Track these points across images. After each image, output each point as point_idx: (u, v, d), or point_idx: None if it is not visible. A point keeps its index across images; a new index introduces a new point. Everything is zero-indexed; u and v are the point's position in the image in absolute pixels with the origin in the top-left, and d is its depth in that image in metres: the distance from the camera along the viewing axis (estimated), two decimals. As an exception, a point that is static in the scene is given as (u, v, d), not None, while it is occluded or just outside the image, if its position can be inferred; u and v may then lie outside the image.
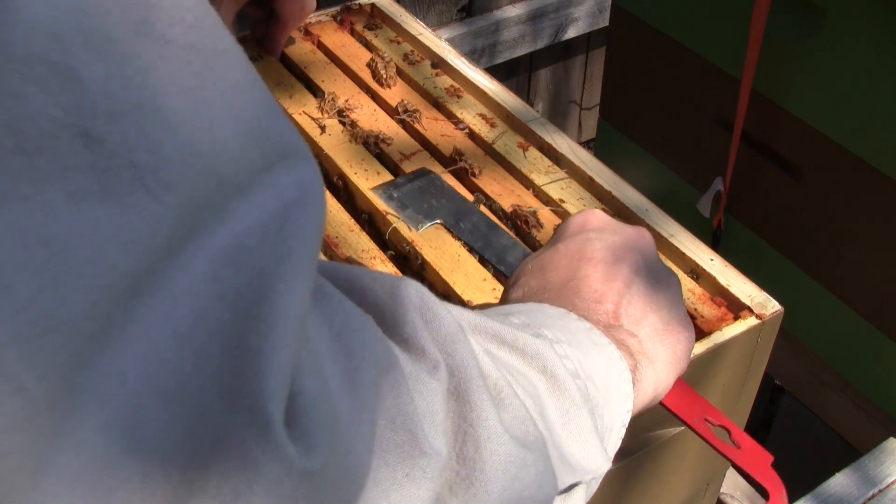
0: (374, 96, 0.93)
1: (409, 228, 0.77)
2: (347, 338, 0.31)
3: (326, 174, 0.86)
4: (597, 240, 0.55)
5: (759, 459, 0.56)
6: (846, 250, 1.05)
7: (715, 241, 1.20)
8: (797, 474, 1.35)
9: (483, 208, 0.81)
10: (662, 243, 0.77)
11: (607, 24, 1.50)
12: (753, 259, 1.18)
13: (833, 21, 0.97)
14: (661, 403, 0.55)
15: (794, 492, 1.02)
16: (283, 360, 0.26)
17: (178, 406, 0.25)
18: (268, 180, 0.27)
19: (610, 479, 0.71)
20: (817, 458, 1.28)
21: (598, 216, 0.58)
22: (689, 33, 1.16)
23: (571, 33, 2.04)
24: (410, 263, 0.76)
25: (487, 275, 0.73)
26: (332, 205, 0.79)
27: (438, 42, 0.99)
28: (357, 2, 1.05)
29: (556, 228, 0.58)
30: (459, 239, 0.77)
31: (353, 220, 0.78)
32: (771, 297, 0.72)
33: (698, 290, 0.74)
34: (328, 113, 0.90)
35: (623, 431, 0.49)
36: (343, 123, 0.89)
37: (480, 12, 1.90)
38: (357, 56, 0.98)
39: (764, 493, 0.56)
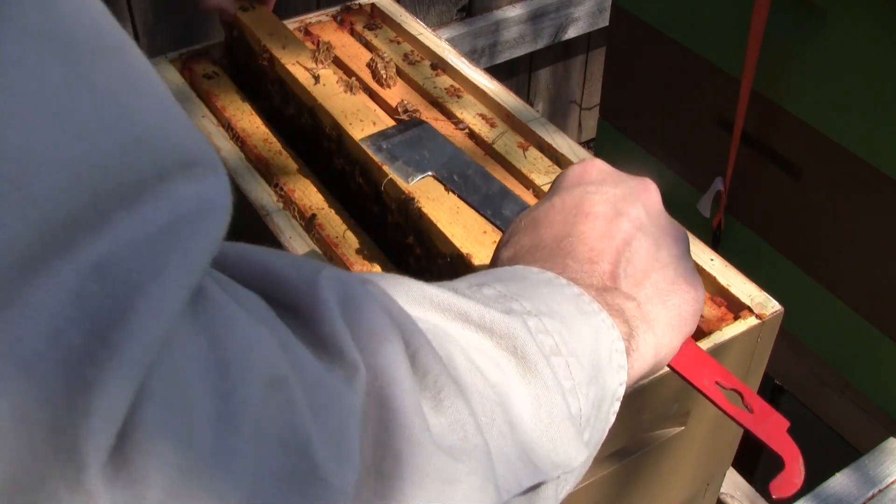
0: (374, 96, 0.93)
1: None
2: (228, 350, 0.27)
3: (320, 125, 0.85)
4: (595, 193, 0.51)
5: (774, 425, 0.52)
6: (846, 250, 1.05)
7: (715, 241, 1.20)
8: (797, 474, 1.35)
9: None
10: (662, 243, 0.77)
11: (607, 24, 1.50)
12: (753, 259, 1.18)
13: (833, 21, 0.97)
14: (668, 365, 0.52)
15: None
16: (118, 392, 0.23)
17: (8, 448, 0.22)
18: (162, 191, 0.25)
19: (610, 479, 0.71)
20: (817, 458, 1.28)
21: (598, 166, 0.54)
22: (689, 33, 1.16)
23: (571, 33, 2.04)
24: (409, 216, 0.74)
25: (488, 227, 0.72)
26: (332, 204, 0.79)
27: (438, 42, 0.99)
28: (357, 2, 1.05)
29: (554, 181, 0.54)
30: (452, 191, 0.74)
31: (352, 219, 0.78)
32: (771, 297, 0.72)
33: (698, 290, 0.74)
34: (323, 63, 0.90)
35: (616, 405, 0.46)
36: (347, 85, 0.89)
37: (480, 12, 1.90)
38: (357, 56, 0.98)
39: (778, 462, 0.51)
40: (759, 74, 1.05)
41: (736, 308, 0.72)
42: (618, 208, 0.51)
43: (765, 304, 0.72)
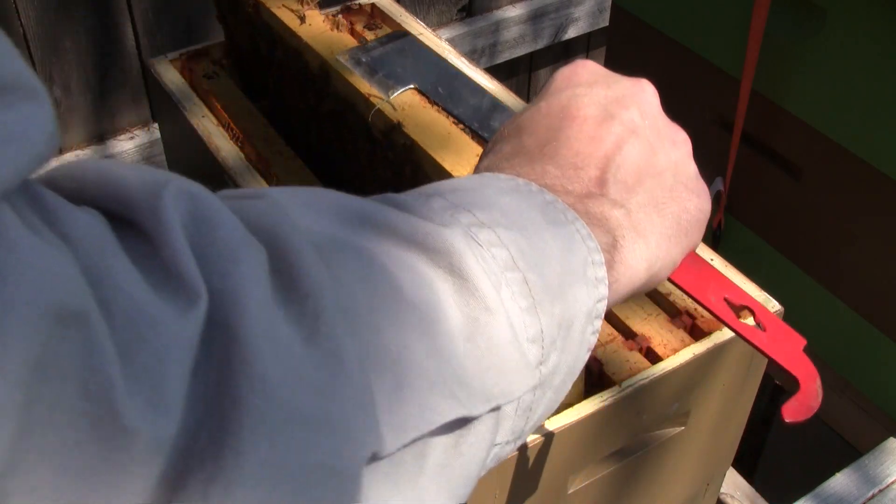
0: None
1: (382, 98, 0.71)
2: (4, 281, 0.23)
3: (307, 66, 0.83)
4: (584, 95, 0.46)
5: (789, 343, 0.48)
6: (846, 250, 1.05)
7: (715, 241, 1.20)
8: (797, 474, 1.35)
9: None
10: (662, 243, 0.77)
11: (607, 24, 1.50)
12: (753, 259, 1.18)
13: (833, 21, 0.97)
14: (669, 279, 0.48)
15: (794, 492, 1.02)
16: None
17: None
18: None
19: (610, 479, 0.71)
20: (817, 458, 1.28)
21: (589, 68, 0.50)
22: (689, 33, 1.16)
23: (571, 33, 2.04)
24: (396, 147, 0.72)
25: (481, 150, 0.69)
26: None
27: (439, 42, 0.99)
28: (357, 2, 1.05)
29: (543, 85, 0.50)
30: (436, 104, 0.70)
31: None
32: (771, 297, 0.72)
33: (698, 290, 0.74)
34: (308, 4, 0.89)
35: (597, 324, 0.41)
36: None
37: (480, 12, 1.90)
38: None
39: (794, 383, 0.47)
40: (759, 74, 1.05)
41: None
42: (609, 111, 0.46)
43: (765, 304, 0.72)
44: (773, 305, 0.72)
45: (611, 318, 0.71)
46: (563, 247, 0.39)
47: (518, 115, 0.48)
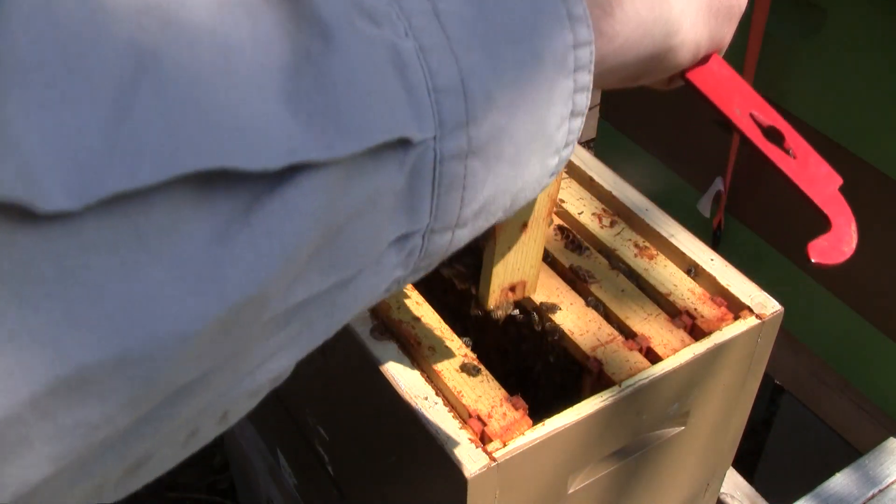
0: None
1: None
2: None
3: None
4: None
5: (823, 179, 0.42)
6: (846, 250, 1.05)
7: (715, 241, 1.20)
8: (797, 474, 1.35)
9: None
10: (662, 243, 0.77)
11: (607, 24, 1.50)
12: (753, 259, 1.18)
13: (833, 21, 0.97)
14: (688, 82, 0.40)
15: (794, 492, 1.02)
16: None
17: None
18: None
19: (610, 478, 0.71)
20: (817, 458, 1.28)
21: None
22: (689, 33, 1.16)
23: (571, 33, 2.03)
24: None
25: None
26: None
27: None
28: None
29: None
30: None
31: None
32: (771, 297, 0.72)
33: (698, 290, 0.74)
34: None
35: (582, 82, 0.32)
36: None
37: (480, 12, 1.90)
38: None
39: (825, 222, 0.41)
40: (759, 74, 1.05)
41: (736, 308, 0.72)
42: None
43: (765, 304, 0.72)
44: (773, 305, 0.72)
45: (611, 318, 0.71)
46: None
47: None
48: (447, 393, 0.64)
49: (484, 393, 0.64)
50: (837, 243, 0.41)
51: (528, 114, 0.31)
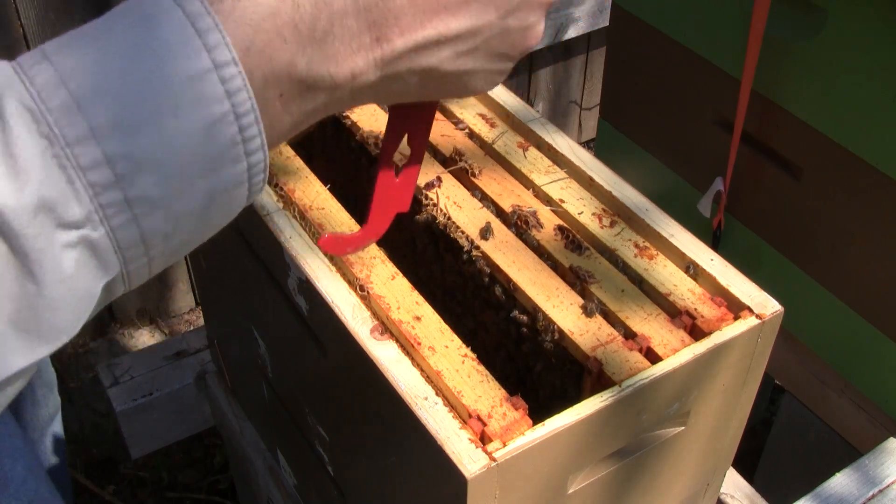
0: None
1: None
2: None
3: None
4: None
5: (393, 200, 0.55)
6: (846, 250, 1.05)
7: (715, 241, 1.20)
8: (797, 474, 1.35)
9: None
10: (662, 243, 0.77)
11: (607, 23, 1.50)
12: (753, 259, 1.18)
13: (833, 21, 0.97)
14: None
15: (795, 492, 1.02)
16: None
17: None
18: None
19: (610, 479, 0.71)
20: (817, 458, 1.28)
21: None
22: (689, 33, 1.16)
23: (571, 33, 2.04)
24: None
25: None
26: (332, 205, 0.79)
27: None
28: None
29: None
30: None
31: (352, 219, 0.78)
32: (771, 297, 0.72)
33: (698, 290, 0.74)
34: None
35: (227, 74, 0.38)
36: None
37: (480, 12, 1.90)
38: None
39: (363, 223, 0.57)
40: (759, 74, 1.05)
41: (736, 308, 0.72)
42: None
43: (765, 304, 0.72)
44: (773, 305, 0.72)
45: (611, 318, 0.72)
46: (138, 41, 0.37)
47: None
48: (447, 393, 0.64)
49: (484, 393, 0.64)
50: (346, 244, 0.56)
51: (177, 148, 0.38)
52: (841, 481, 1.01)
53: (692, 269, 0.75)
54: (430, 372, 0.66)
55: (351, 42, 0.42)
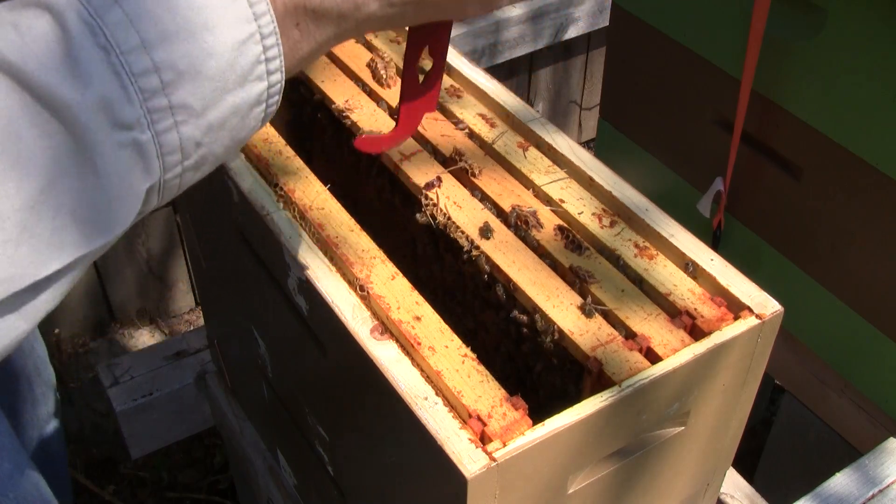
0: (374, 96, 0.93)
1: None
2: None
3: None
4: None
5: (421, 103, 0.61)
6: (846, 250, 1.05)
7: (715, 241, 1.20)
8: (797, 474, 1.35)
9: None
10: (663, 243, 0.77)
11: (607, 24, 1.50)
12: (753, 259, 1.18)
13: (833, 21, 0.97)
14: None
15: (795, 492, 1.02)
16: None
17: None
18: None
19: (610, 479, 0.71)
20: (817, 458, 1.28)
21: None
22: (689, 33, 1.16)
23: (572, 33, 2.04)
24: None
25: None
26: (332, 205, 0.79)
27: (438, 42, 0.99)
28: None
29: None
30: None
31: (353, 219, 0.78)
32: (771, 297, 0.72)
33: (698, 290, 0.74)
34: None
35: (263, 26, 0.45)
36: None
37: (480, 12, 1.90)
38: (357, 56, 0.98)
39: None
40: (759, 74, 1.05)
41: (736, 308, 0.72)
42: None
43: (765, 304, 0.72)
44: (773, 305, 0.72)
45: (611, 318, 0.72)
46: None
47: None
48: (447, 393, 0.64)
49: (484, 393, 0.64)
50: (381, 142, 0.61)
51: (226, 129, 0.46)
52: (841, 481, 1.01)
53: (692, 269, 0.75)
54: (430, 372, 0.66)
55: None
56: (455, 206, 0.80)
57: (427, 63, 0.60)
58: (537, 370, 0.75)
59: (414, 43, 0.60)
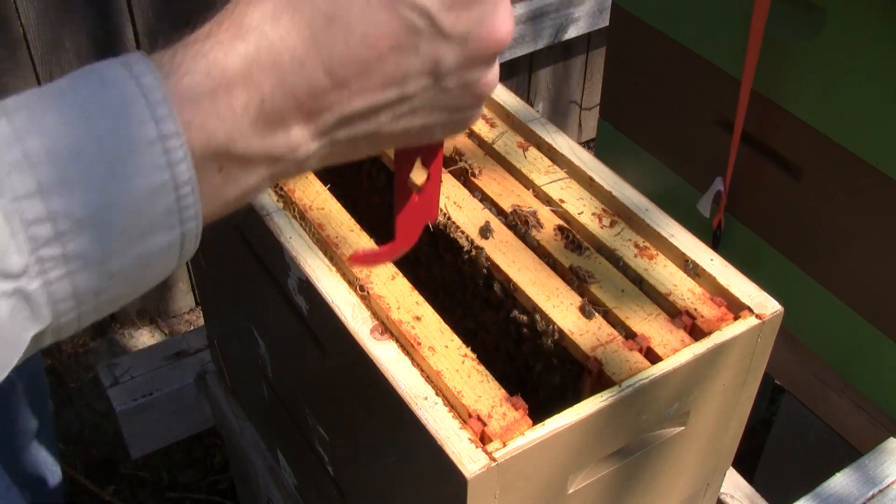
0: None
1: None
2: None
3: None
4: None
5: (419, 214, 0.54)
6: (846, 250, 1.05)
7: (715, 241, 1.20)
8: (797, 474, 1.35)
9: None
10: (662, 243, 0.77)
11: (607, 24, 1.50)
12: (753, 259, 1.18)
13: (833, 21, 0.97)
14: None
15: (795, 492, 1.02)
16: None
17: None
18: None
19: (610, 478, 0.71)
20: (817, 458, 1.28)
21: None
22: (689, 33, 1.16)
23: (572, 33, 2.04)
24: None
25: None
26: (332, 205, 0.79)
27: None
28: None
29: None
30: None
31: (352, 219, 0.78)
32: (771, 297, 0.72)
33: (698, 290, 0.74)
34: None
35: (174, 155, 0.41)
36: None
37: (480, 12, 1.90)
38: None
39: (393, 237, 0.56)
40: (759, 74, 1.05)
41: (736, 308, 0.72)
42: None
43: (765, 304, 0.72)
44: (773, 305, 0.72)
45: (611, 318, 0.72)
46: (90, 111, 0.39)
47: None
48: (447, 393, 0.64)
49: (484, 393, 0.64)
50: (377, 257, 0.56)
51: (121, 196, 0.40)
52: (841, 481, 1.01)
53: (692, 269, 0.75)
54: (430, 372, 0.66)
55: (283, 120, 0.43)
56: (455, 206, 0.80)
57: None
58: (537, 370, 0.75)
59: (401, 159, 0.54)
